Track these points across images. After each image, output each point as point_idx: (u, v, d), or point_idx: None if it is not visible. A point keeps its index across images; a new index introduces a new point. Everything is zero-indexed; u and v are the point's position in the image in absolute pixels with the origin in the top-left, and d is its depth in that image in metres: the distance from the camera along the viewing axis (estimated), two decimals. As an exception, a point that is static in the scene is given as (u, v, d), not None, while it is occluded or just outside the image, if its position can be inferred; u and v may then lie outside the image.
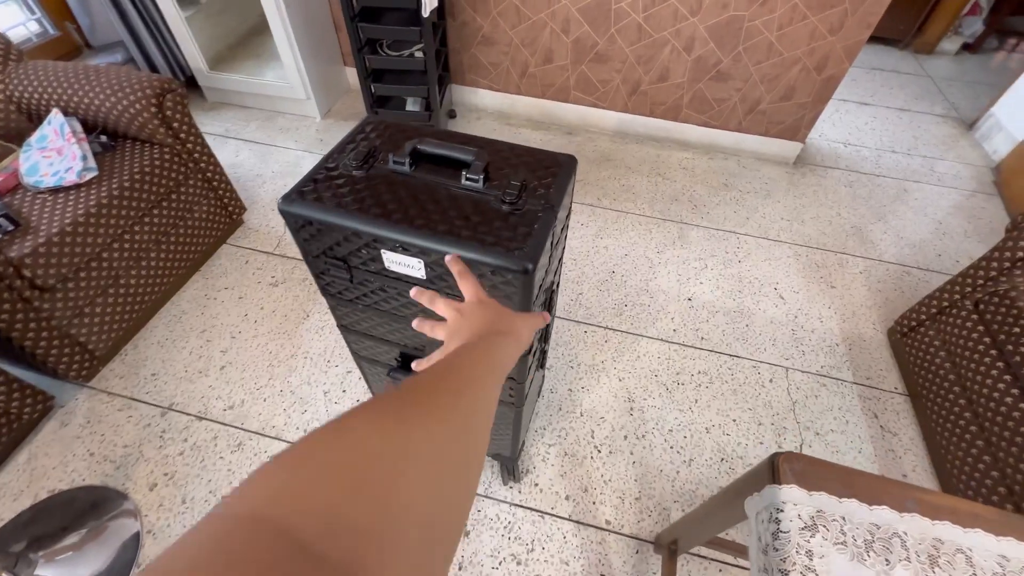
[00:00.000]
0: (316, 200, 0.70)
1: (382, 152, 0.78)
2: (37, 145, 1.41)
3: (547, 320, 0.54)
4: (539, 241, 0.66)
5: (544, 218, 0.69)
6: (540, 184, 0.73)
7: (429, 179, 0.74)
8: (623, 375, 1.53)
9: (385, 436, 0.22)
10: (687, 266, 1.86)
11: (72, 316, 1.33)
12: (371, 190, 0.72)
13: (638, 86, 2.28)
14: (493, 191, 0.72)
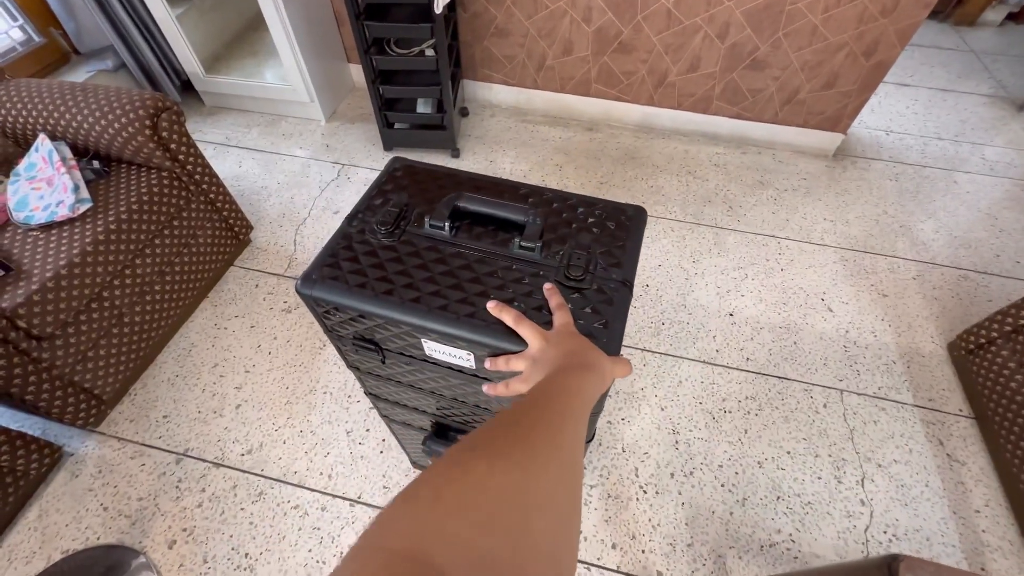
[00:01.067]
0: (339, 281, 0.58)
1: (414, 210, 0.66)
2: (26, 175, 1.30)
3: (630, 372, 0.49)
4: (618, 330, 0.55)
5: (620, 300, 0.57)
6: (607, 249, 0.61)
7: (473, 247, 0.61)
8: (665, 403, 1.42)
9: (506, 475, 0.22)
10: (726, 276, 1.74)
11: (75, 363, 1.24)
12: (405, 264, 0.60)
13: (665, 77, 2.11)
14: (552, 261, 0.60)
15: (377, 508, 1.23)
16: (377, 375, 0.77)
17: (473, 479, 0.22)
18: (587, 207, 0.66)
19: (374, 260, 0.60)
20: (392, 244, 0.62)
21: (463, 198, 0.62)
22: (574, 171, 2.12)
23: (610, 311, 0.55)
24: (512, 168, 2.12)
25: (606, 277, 0.58)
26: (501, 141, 2.25)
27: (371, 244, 0.62)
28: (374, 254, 0.61)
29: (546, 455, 0.25)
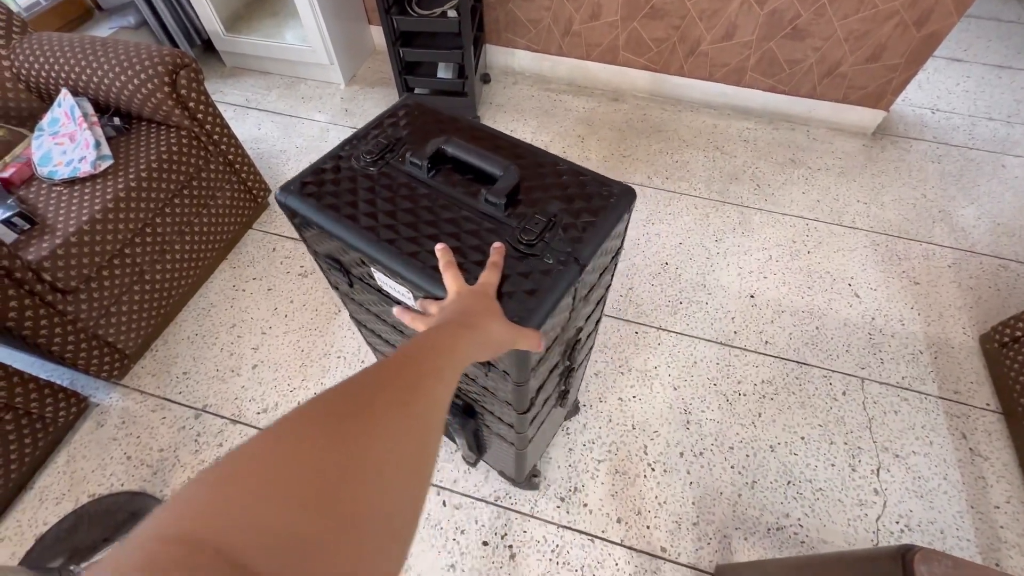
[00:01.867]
0: (313, 197, 0.60)
1: (405, 146, 0.65)
2: (49, 130, 1.31)
3: (538, 348, 0.49)
4: (545, 303, 0.51)
5: (560, 275, 0.53)
6: (576, 222, 0.57)
7: (445, 191, 0.60)
8: (678, 383, 1.40)
9: (331, 442, 0.21)
10: (749, 257, 1.68)
11: (99, 316, 1.27)
12: (376, 194, 0.60)
13: (697, 45, 2.01)
14: (515, 221, 0.57)
15: (387, 471, 1.26)
16: (353, 299, 0.79)
17: (288, 451, 0.20)
18: (573, 176, 0.62)
19: (350, 185, 0.62)
20: (371, 173, 0.63)
21: (449, 143, 0.61)
22: (596, 143, 2.05)
23: (545, 282, 0.52)
24: (533, 138, 2.06)
25: (560, 250, 0.55)
26: (523, 110, 2.19)
27: (354, 169, 0.63)
28: (353, 179, 0.62)
29: (388, 419, 0.24)
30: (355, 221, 0.58)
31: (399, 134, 0.67)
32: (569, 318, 0.64)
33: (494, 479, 1.24)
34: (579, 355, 0.86)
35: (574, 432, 1.31)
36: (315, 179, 0.62)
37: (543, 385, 0.75)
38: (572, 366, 0.84)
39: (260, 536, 0.17)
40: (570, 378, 0.89)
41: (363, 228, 0.57)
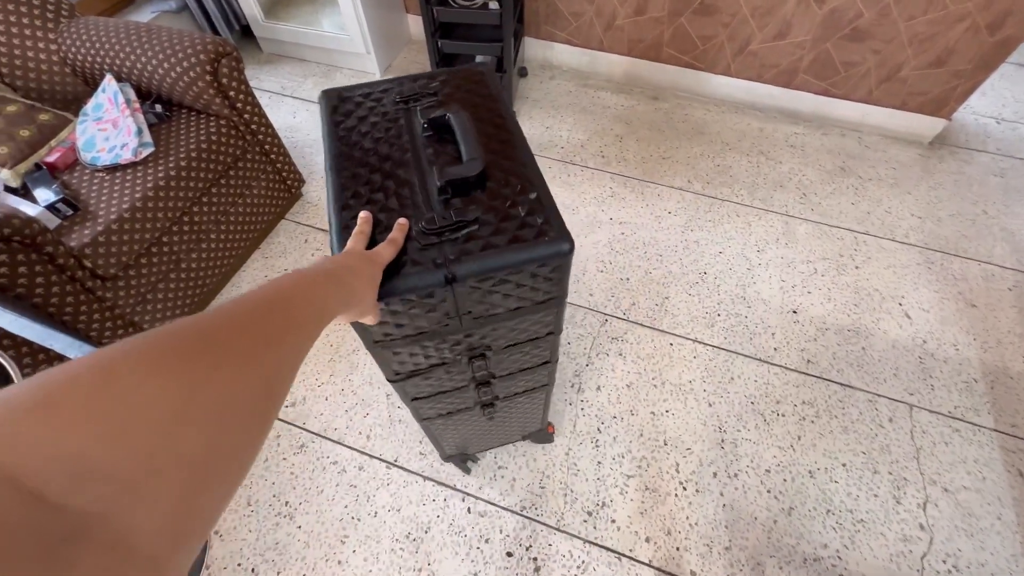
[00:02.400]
0: (338, 112, 0.66)
1: (431, 101, 0.66)
2: (93, 115, 1.31)
3: (372, 321, 0.53)
4: (392, 289, 0.51)
5: (422, 274, 0.52)
6: (486, 239, 0.54)
7: (424, 154, 0.61)
8: (714, 399, 1.35)
9: (162, 384, 0.20)
10: (793, 270, 1.61)
11: (135, 303, 1.28)
12: (373, 129, 0.64)
13: (747, 44, 1.92)
14: (441, 208, 0.56)
15: (412, 473, 1.25)
16: None
17: (116, 388, 0.19)
18: (530, 204, 0.56)
19: (365, 114, 0.66)
20: (388, 111, 0.66)
21: (454, 114, 0.61)
22: (635, 143, 1.98)
23: (411, 272, 0.51)
24: (569, 136, 2.01)
25: (442, 254, 0.52)
26: (559, 106, 2.13)
27: (383, 104, 0.67)
28: (373, 110, 0.66)
29: (239, 367, 0.23)
30: (341, 142, 0.62)
31: (441, 90, 0.68)
32: (448, 325, 0.61)
33: (520, 487, 1.22)
34: (505, 380, 0.83)
35: (603, 444, 1.28)
36: (353, 94, 0.68)
37: (429, 378, 0.74)
38: (487, 378, 0.80)
39: (64, 467, 0.16)
40: (488, 388, 0.83)
41: (340, 151, 0.61)
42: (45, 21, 1.38)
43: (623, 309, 1.52)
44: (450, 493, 1.22)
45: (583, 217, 1.75)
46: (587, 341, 1.46)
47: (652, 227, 1.72)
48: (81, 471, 0.16)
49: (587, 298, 1.55)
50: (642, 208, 1.77)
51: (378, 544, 1.15)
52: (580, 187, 1.84)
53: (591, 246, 1.67)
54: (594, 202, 1.79)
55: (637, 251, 1.66)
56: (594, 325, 1.49)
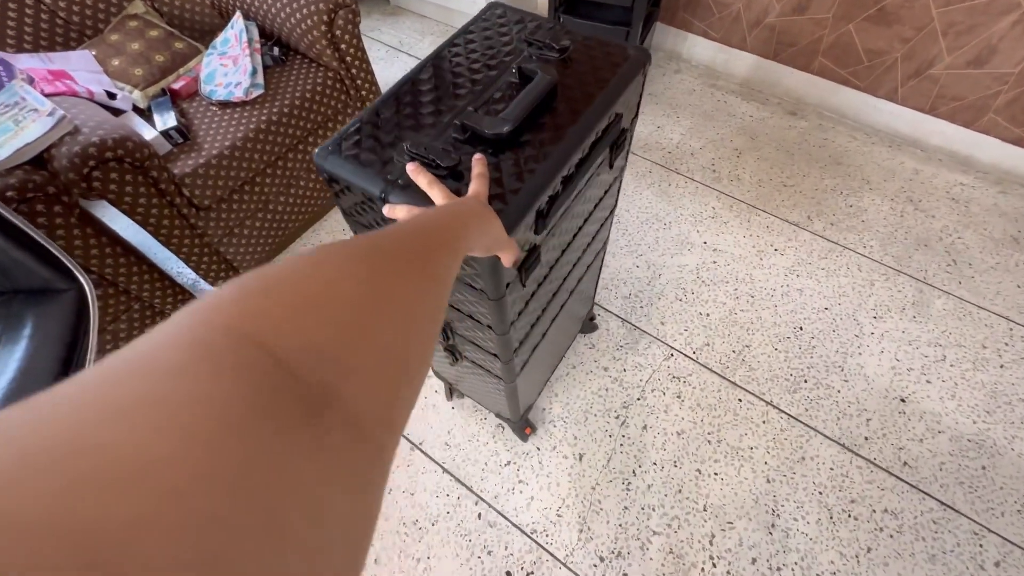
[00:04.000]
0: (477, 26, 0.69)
1: (545, 55, 0.63)
2: (219, 49, 1.38)
3: (516, 255, 0.51)
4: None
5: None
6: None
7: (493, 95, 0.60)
8: (774, 476, 1.18)
9: (361, 280, 0.22)
10: (914, 350, 1.34)
11: (223, 236, 1.36)
12: (469, 62, 0.64)
13: (928, 67, 1.58)
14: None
15: (434, 461, 1.23)
16: None
17: (328, 277, 0.20)
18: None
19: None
20: (510, 44, 0.66)
21: (542, 73, 0.58)
22: (755, 162, 1.75)
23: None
24: (680, 141, 1.81)
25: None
26: (678, 105, 1.93)
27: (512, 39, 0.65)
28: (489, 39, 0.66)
29: (412, 272, 0.25)
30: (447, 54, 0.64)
31: (570, 49, 0.64)
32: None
33: (536, 508, 1.16)
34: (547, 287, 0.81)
35: (636, 490, 1.17)
36: (506, 17, 0.68)
37: (523, 310, 0.73)
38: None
39: (303, 344, 0.17)
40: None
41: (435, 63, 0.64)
42: (197, -48, 1.45)
43: (694, 348, 1.37)
44: (465, 493, 1.19)
45: (673, 234, 1.58)
46: (645, 372, 1.34)
47: (751, 262, 1.51)
48: (312, 351, 0.17)
49: (656, 326, 1.41)
50: (744, 238, 1.57)
51: (385, 522, 1.16)
52: (678, 200, 1.66)
53: (675, 268, 1.51)
54: (690, 220, 1.61)
55: (726, 286, 1.47)
56: (656, 357, 1.36)
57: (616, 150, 0.70)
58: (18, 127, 0.99)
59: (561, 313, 1.00)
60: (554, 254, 0.73)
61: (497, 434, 1.27)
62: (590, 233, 0.86)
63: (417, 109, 0.60)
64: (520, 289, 0.65)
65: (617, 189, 0.87)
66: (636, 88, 0.65)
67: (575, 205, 0.70)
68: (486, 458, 1.23)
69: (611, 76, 0.62)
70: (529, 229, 0.56)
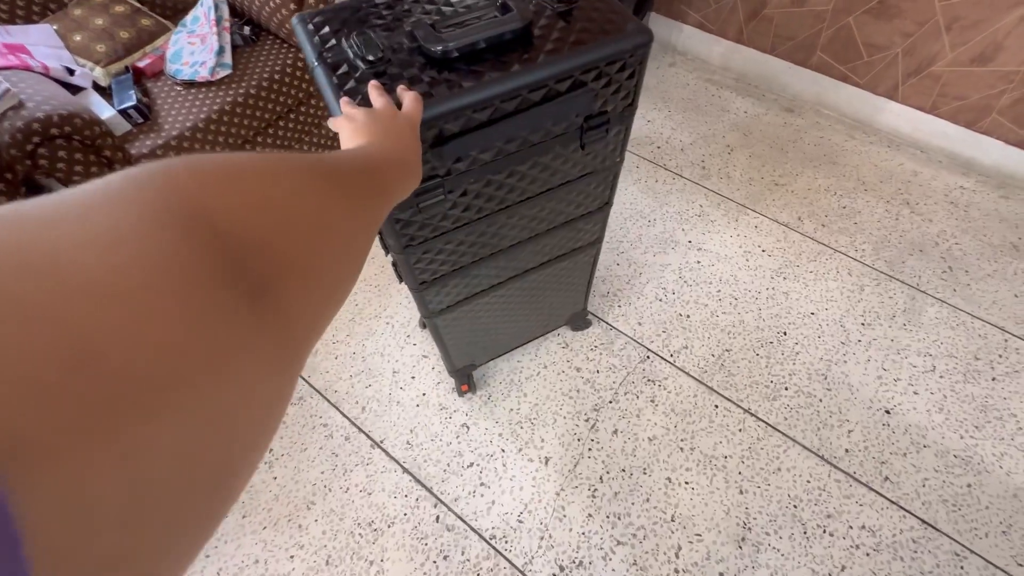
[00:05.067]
0: None
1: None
2: (189, 27, 1.33)
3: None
4: None
5: None
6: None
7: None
8: (748, 487, 1.13)
9: (315, 195, 0.23)
10: (902, 359, 1.28)
11: (186, 220, 1.31)
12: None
13: (930, 64, 1.51)
14: None
15: (394, 460, 1.19)
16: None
17: (287, 185, 0.21)
18: None
19: None
20: None
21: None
22: (746, 159, 1.68)
23: None
24: (670, 136, 1.75)
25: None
26: (670, 99, 1.86)
27: None
28: None
29: (353, 205, 0.26)
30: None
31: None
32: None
33: (497, 512, 1.11)
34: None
35: (601, 497, 1.12)
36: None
37: (436, 247, 0.73)
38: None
39: (256, 240, 0.17)
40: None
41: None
42: (169, -74, 1.40)
43: (671, 350, 1.31)
44: (424, 494, 1.14)
45: (657, 231, 1.52)
46: (619, 374, 1.28)
47: (736, 263, 1.45)
48: (264, 247, 0.17)
49: (633, 326, 1.35)
50: (731, 237, 1.50)
51: (340, 522, 1.12)
52: (665, 197, 1.60)
53: (657, 267, 1.46)
54: (676, 217, 1.55)
55: (709, 286, 1.41)
56: (632, 359, 1.30)
57: (590, 130, 0.65)
58: (-41, 100, 0.95)
59: (521, 289, 0.96)
60: (490, 206, 0.71)
61: (461, 434, 1.22)
62: (563, 214, 0.81)
63: (395, 8, 0.62)
64: (410, 204, 0.61)
65: (609, 186, 0.82)
66: (626, 68, 0.60)
67: (523, 167, 0.66)
68: (448, 459, 1.19)
69: (591, 41, 0.57)
70: (428, 148, 0.56)
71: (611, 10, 0.60)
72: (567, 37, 0.57)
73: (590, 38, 0.57)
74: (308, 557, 1.08)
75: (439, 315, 0.90)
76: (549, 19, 0.60)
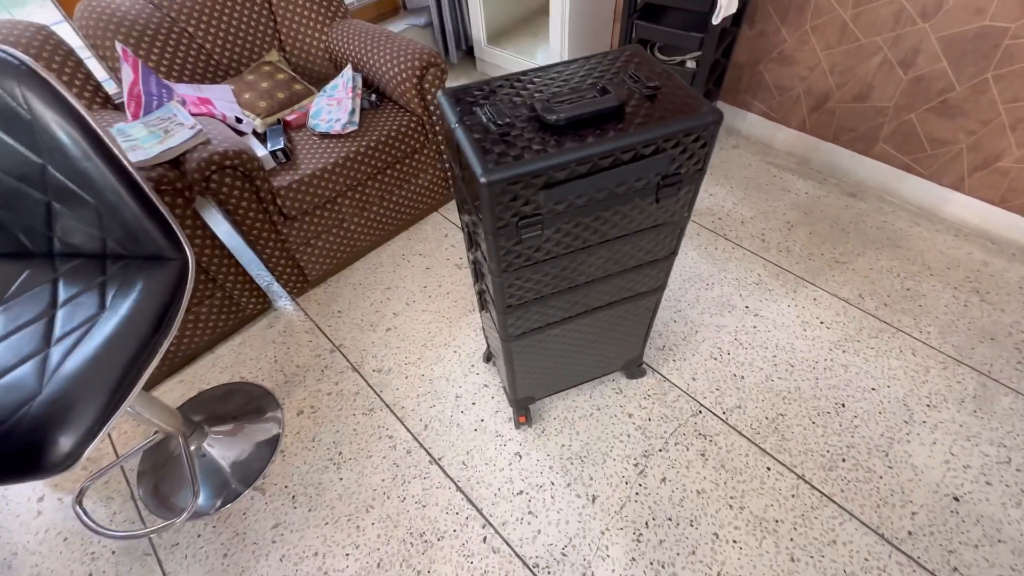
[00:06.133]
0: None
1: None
2: (328, 92, 1.64)
3: None
4: None
5: None
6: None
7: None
8: (800, 555, 1.10)
9: None
10: (972, 447, 1.24)
11: (301, 244, 1.55)
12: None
13: (996, 160, 1.56)
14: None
15: (449, 478, 1.26)
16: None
17: None
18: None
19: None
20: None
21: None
22: (806, 236, 1.75)
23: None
24: (732, 209, 1.86)
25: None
26: (732, 177, 2.00)
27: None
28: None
29: None
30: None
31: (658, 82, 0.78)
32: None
33: (542, 542, 1.15)
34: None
35: (646, 543, 1.14)
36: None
37: (526, 269, 0.85)
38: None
39: None
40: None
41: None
42: (326, 18, 1.77)
43: (724, 408, 1.34)
44: (474, 514, 1.20)
45: (715, 295, 1.60)
46: (670, 425, 1.32)
47: (793, 331, 1.49)
48: None
49: (687, 381, 1.40)
50: (788, 307, 1.55)
51: (395, 528, 1.19)
52: (724, 263, 1.69)
53: (713, 328, 1.52)
54: (734, 283, 1.63)
55: (765, 351, 1.45)
56: (684, 411, 1.34)
57: (665, 187, 0.79)
58: (166, 135, 1.24)
59: (588, 327, 1.07)
60: (575, 244, 0.84)
61: (514, 462, 1.29)
62: (634, 259, 0.93)
63: (518, 91, 0.79)
64: (515, 235, 0.76)
65: (676, 238, 0.93)
66: (699, 139, 0.74)
67: (607, 213, 0.79)
68: (500, 484, 1.25)
69: (672, 117, 0.71)
70: (538, 191, 0.70)
71: (688, 95, 0.75)
72: (653, 113, 0.73)
73: (671, 115, 0.72)
74: (362, 557, 1.15)
75: (515, 340, 1.01)
76: (639, 100, 0.75)
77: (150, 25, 1.50)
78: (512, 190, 0.69)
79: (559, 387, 1.32)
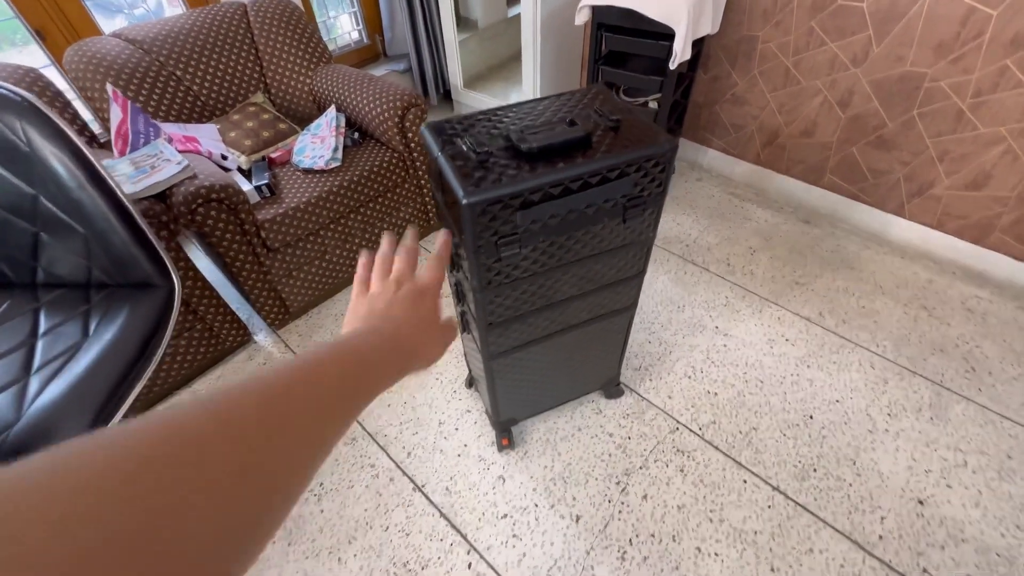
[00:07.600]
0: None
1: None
2: (312, 131, 1.71)
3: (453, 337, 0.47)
4: None
5: None
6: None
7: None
8: (780, 565, 1.13)
9: (228, 457, 0.21)
10: (932, 452, 1.31)
11: (283, 276, 1.57)
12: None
13: (930, 187, 1.72)
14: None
15: (433, 504, 1.26)
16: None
17: (196, 456, 0.19)
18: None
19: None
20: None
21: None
22: (768, 260, 1.87)
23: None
24: (698, 236, 1.98)
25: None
26: (697, 207, 2.12)
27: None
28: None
29: (295, 442, 0.24)
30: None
31: (620, 116, 0.86)
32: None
33: (527, 565, 1.14)
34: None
35: (630, 560, 1.14)
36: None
37: (505, 285, 0.90)
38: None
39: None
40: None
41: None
42: (310, 63, 1.87)
43: (700, 424, 1.39)
44: (458, 540, 1.20)
45: (686, 316, 1.67)
46: (649, 442, 1.35)
47: (761, 349, 1.57)
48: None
49: (664, 399, 1.45)
50: (755, 326, 1.63)
51: (378, 559, 1.17)
52: (693, 287, 1.78)
53: (686, 347, 1.58)
54: (703, 306, 1.71)
55: (736, 368, 1.52)
56: (662, 429, 1.38)
57: (631, 208, 0.86)
58: (153, 170, 1.27)
59: (567, 344, 1.12)
60: (551, 262, 0.90)
61: (497, 486, 1.29)
62: (606, 277, 0.99)
63: (495, 124, 0.87)
64: (494, 253, 0.81)
65: (643, 257, 1.00)
66: (658, 164, 0.82)
67: (579, 232, 0.86)
68: (484, 508, 1.25)
69: (633, 146, 0.79)
70: (515, 211, 0.77)
71: (647, 127, 0.84)
72: (617, 142, 0.81)
73: (632, 144, 0.80)
74: (344, 590, 1.13)
75: (497, 358, 1.05)
76: (604, 131, 0.84)
77: (139, 69, 1.56)
78: (491, 210, 0.75)
79: (541, 407, 1.35)
